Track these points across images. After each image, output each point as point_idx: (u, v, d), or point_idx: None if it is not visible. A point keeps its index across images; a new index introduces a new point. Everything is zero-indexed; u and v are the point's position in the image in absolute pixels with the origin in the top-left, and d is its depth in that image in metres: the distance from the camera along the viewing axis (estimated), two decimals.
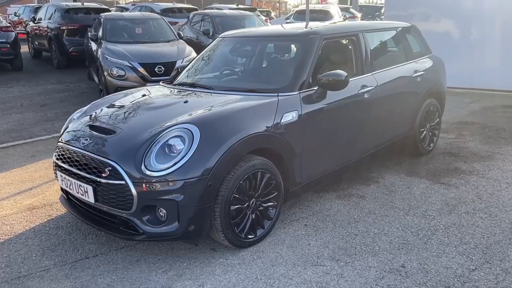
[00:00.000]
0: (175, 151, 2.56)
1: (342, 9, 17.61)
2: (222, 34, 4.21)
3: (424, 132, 4.52)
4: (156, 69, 7.13)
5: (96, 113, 3.24)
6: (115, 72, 7.03)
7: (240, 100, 3.02)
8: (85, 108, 3.46)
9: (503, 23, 7.80)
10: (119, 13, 10.49)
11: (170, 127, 2.67)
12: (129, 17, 9.04)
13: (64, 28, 10.69)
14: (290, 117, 3.01)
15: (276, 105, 2.98)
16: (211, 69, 3.91)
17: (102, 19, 8.50)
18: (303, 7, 16.69)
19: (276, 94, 3.08)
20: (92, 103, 3.53)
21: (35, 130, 6.23)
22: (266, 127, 2.87)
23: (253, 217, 2.86)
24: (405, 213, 3.32)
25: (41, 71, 11.03)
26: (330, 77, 3.13)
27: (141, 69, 7.06)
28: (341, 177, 3.92)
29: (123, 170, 2.54)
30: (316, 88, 3.21)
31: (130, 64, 7.08)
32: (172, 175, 2.50)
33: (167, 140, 2.60)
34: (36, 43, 12.58)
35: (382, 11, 16.24)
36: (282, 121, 2.96)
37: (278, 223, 3.14)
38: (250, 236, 2.86)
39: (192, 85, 3.59)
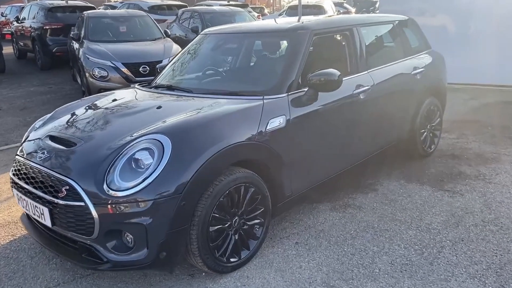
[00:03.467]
0: (142, 166, 2.22)
1: (335, 4, 17.24)
2: (204, 30, 3.86)
3: (425, 133, 4.20)
4: (140, 69, 6.78)
5: (59, 121, 2.88)
6: (97, 73, 6.68)
7: (220, 105, 2.67)
8: (49, 115, 3.10)
9: (501, 16, 7.49)
10: (102, 10, 10.09)
11: (138, 138, 2.32)
12: (113, 14, 8.66)
13: (47, 27, 10.29)
14: (276, 123, 2.67)
15: (261, 110, 2.64)
16: (191, 70, 3.55)
17: (84, 17, 8.12)
18: (296, 2, 16.32)
19: (261, 97, 2.73)
20: (57, 109, 3.18)
21: (12, 136, 5.85)
22: (249, 135, 2.52)
23: (236, 237, 2.52)
24: (407, 226, 2.99)
25: (25, 73, 10.62)
26: (321, 77, 2.79)
27: (124, 70, 6.71)
28: (336, 186, 3.58)
29: (82, 189, 2.19)
30: (306, 89, 2.87)
31: (113, 64, 6.73)
32: (138, 195, 2.15)
33: (134, 154, 2.25)
34: (21, 43, 12.17)
35: (377, 5, 15.90)
36: (268, 127, 2.62)
37: (266, 241, 2.81)
38: (233, 260, 2.52)
39: (170, 87, 3.24)
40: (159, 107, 2.77)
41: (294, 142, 2.79)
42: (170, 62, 3.77)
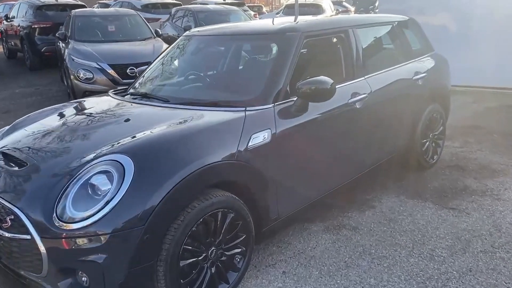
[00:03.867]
0: (99, 193, 1.90)
1: (334, 3, 16.92)
2: (187, 32, 3.54)
3: (427, 143, 3.88)
4: (128, 70, 6.43)
5: (16, 135, 2.55)
6: (82, 75, 6.35)
7: (196, 117, 2.35)
8: (7, 127, 2.77)
9: (506, 16, 7.17)
10: (90, 9, 9.74)
11: (95, 158, 2.00)
12: (101, 13, 8.33)
13: (36, 26, 9.96)
14: (260, 138, 2.35)
15: (242, 124, 2.32)
16: (170, 76, 3.23)
17: (71, 16, 7.80)
18: (293, 0, 15.97)
19: (243, 108, 2.42)
20: (17, 120, 2.85)
21: None
22: (228, 154, 2.20)
23: (213, 270, 2.21)
24: (408, 252, 2.67)
25: (13, 73, 10.29)
26: (312, 86, 2.46)
27: (111, 71, 6.37)
28: (329, 202, 3.26)
29: (29, 219, 1.87)
30: (295, 99, 2.55)
31: (99, 65, 6.40)
32: (93, 227, 1.83)
33: (90, 178, 1.93)
34: (11, 43, 11.84)
35: (377, 4, 15.57)
36: (250, 144, 2.30)
37: (250, 269, 2.49)
38: None
39: (145, 95, 2.92)
40: (127, 120, 2.45)
41: (280, 159, 2.47)
42: (149, 66, 3.45)
